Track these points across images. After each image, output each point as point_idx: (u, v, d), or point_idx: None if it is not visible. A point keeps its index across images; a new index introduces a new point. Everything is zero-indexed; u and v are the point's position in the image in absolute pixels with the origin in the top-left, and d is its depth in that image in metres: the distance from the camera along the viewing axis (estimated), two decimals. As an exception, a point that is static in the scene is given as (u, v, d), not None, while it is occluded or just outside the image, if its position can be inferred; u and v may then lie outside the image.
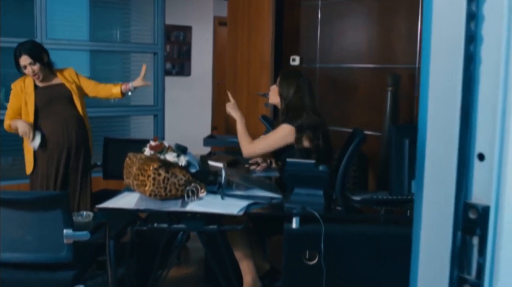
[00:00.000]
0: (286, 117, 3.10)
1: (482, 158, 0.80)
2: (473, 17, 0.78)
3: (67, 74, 3.71)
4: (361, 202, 2.67)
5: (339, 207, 2.72)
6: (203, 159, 3.45)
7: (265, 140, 3.11)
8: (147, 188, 2.51)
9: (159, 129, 5.22)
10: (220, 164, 3.24)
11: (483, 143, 0.79)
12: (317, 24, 5.18)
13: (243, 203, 2.50)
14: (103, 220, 2.59)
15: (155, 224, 2.55)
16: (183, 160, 2.85)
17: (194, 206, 2.45)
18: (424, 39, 0.84)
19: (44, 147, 3.57)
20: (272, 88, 3.28)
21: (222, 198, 2.57)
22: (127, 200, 2.57)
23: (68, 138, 3.61)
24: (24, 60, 3.47)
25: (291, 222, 2.44)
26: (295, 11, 5.44)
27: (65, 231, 2.36)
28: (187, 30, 8.27)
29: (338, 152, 4.15)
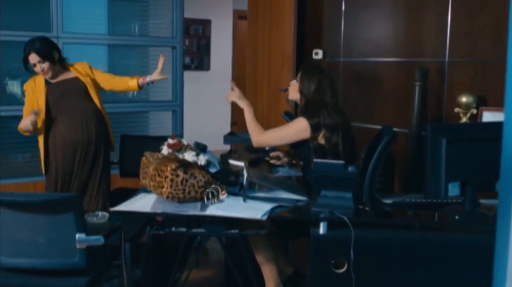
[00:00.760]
0: (305, 114, 2.93)
1: None
2: None
3: (80, 68, 3.61)
4: (392, 205, 2.49)
5: (368, 210, 2.54)
6: (223, 158, 3.29)
7: (278, 132, 2.97)
8: (164, 189, 2.36)
9: (178, 125, 5.11)
10: (242, 163, 3.08)
11: None
12: (340, 16, 5.01)
13: (267, 206, 2.33)
14: (118, 223, 2.45)
15: (173, 228, 2.40)
16: (202, 159, 2.71)
17: (214, 210, 2.30)
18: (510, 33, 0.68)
19: (62, 141, 3.47)
20: (292, 84, 3.13)
21: (244, 200, 2.41)
22: (143, 202, 2.43)
23: (87, 132, 3.51)
24: (33, 58, 3.39)
25: (317, 226, 2.27)
26: (318, 3, 5.28)
27: (77, 236, 2.23)
28: (206, 23, 8.18)
29: (365, 150, 3.98)
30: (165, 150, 2.80)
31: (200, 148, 2.83)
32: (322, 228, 2.26)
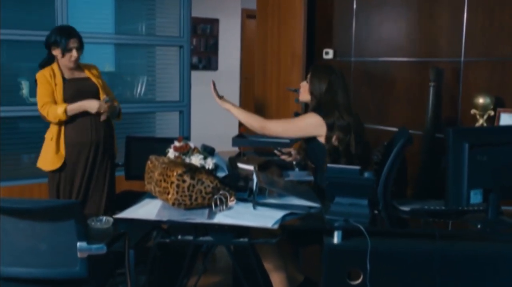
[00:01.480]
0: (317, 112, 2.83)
1: None
2: None
3: (94, 70, 3.59)
4: (410, 213, 2.36)
5: (384, 218, 2.41)
6: (232, 161, 3.19)
7: (285, 121, 2.88)
8: (170, 196, 2.24)
9: (185, 126, 5.02)
10: (251, 167, 2.97)
11: None
12: (352, 15, 4.90)
13: (278, 214, 2.21)
14: (122, 230, 2.34)
15: (179, 236, 2.29)
16: (210, 163, 2.61)
17: (222, 217, 2.18)
18: None
19: (70, 143, 3.39)
20: (303, 85, 3.02)
21: (254, 207, 2.29)
22: (148, 208, 2.32)
23: (97, 136, 3.44)
24: (74, 42, 3.37)
25: (331, 235, 2.15)
26: (328, 1, 5.18)
27: (78, 244, 2.12)
28: (214, 23, 8.11)
29: (377, 153, 3.85)
30: (171, 153, 2.70)
31: (208, 151, 2.73)
32: (336, 237, 2.14)
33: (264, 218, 2.18)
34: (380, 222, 2.36)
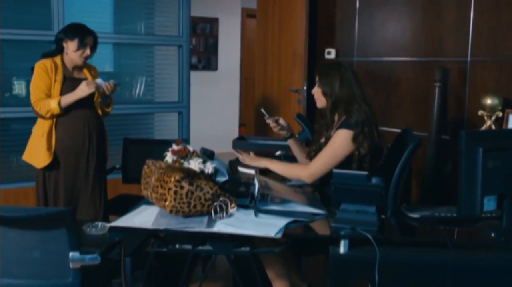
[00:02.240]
0: (334, 116, 2.71)
1: None
2: None
3: (93, 70, 3.50)
4: (420, 221, 2.25)
5: (392, 225, 2.30)
6: (232, 164, 3.07)
7: (322, 156, 2.66)
8: (167, 203, 2.13)
9: (184, 128, 4.92)
10: (252, 171, 2.86)
11: None
12: (354, 14, 4.82)
13: (281, 222, 2.10)
14: (116, 239, 2.23)
15: (177, 245, 2.17)
16: (209, 167, 2.49)
17: (222, 226, 2.07)
18: None
19: (60, 146, 3.30)
20: (316, 92, 2.85)
21: (256, 215, 2.18)
22: (144, 216, 2.20)
23: (88, 139, 3.36)
24: (91, 40, 3.32)
25: (337, 244, 2.04)
26: (330, 0, 5.05)
27: (71, 254, 2.01)
28: (213, 22, 8.03)
29: (383, 158, 3.74)
30: (169, 157, 2.59)
31: (207, 155, 2.61)
32: (342, 247, 2.03)
33: (267, 226, 2.06)
34: (389, 230, 2.25)
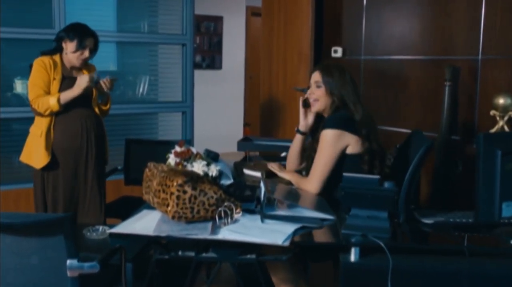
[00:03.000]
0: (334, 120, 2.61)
1: None
2: None
3: (92, 71, 3.40)
4: (434, 227, 2.15)
5: (405, 231, 2.20)
6: (237, 167, 2.98)
7: (317, 165, 2.54)
8: (169, 208, 2.04)
9: (188, 128, 4.86)
10: (258, 173, 2.77)
11: None
12: (362, 11, 4.72)
13: (289, 229, 2.00)
14: (117, 245, 2.14)
15: (180, 252, 2.08)
16: (213, 170, 2.42)
17: (227, 233, 1.97)
18: None
19: (57, 148, 3.23)
20: (316, 92, 2.71)
21: (262, 220, 2.08)
22: (146, 221, 2.11)
23: (87, 140, 3.29)
24: (91, 42, 3.25)
25: (348, 252, 1.95)
26: (337, -3, 4.98)
27: (68, 262, 1.92)
28: (218, 20, 7.99)
29: (390, 157, 3.63)
30: (172, 159, 2.51)
31: (212, 157, 2.54)
32: (353, 255, 1.93)
33: (274, 233, 1.97)
34: (402, 237, 2.15)
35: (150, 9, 4.98)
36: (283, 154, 3.40)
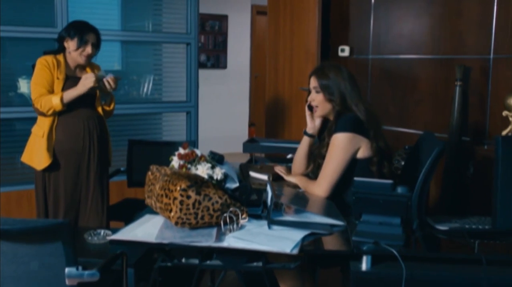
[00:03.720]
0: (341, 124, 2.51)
1: None
2: None
3: (97, 71, 3.32)
4: (449, 234, 2.05)
5: (418, 238, 2.11)
6: (243, 169, 2.90)
7: (327, 169, 2.45)
8: (172, 213, 1.96)
9: (192, 128, 4.78)
10: (265, 176, 2.68)
11: None
12: (370, 10, 4.64)
13: (297, 235, 1.92)
14: (118, 251, 2.06)
15: (183, 259, 2.00)
16: (218, 173, 2.34)
17: (233, 240, 1.89)
18: None
19: (58, 149, 3.16)
20: (315, 99, 2.60)
21: (269, 227, 2.00)
22: (148, 227, 2.03)
23: (89, 141, 3.21)
24: (92, 38, 3.17)
25: (359, 260, 1.86)
26: (344, -4, 4.90)
27: (67, 270, 1.85)
28: (223, 19, 7.93)
29: (399, 158, 3.55)
30: (175, 161, 2.44)
31: (216, 159, 2.46)
32: (365, 263, 1.85)
33: (281, 240, 1.88)
34: (416, 244, 2.06)
35: (155, 8, 4.91)
36: (289, 156, 3.32)
